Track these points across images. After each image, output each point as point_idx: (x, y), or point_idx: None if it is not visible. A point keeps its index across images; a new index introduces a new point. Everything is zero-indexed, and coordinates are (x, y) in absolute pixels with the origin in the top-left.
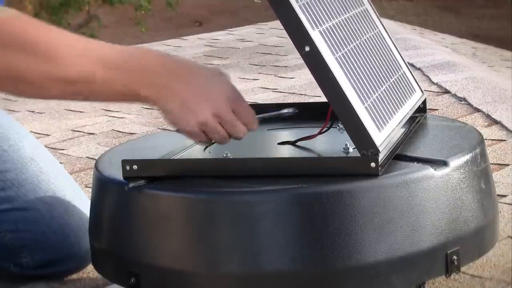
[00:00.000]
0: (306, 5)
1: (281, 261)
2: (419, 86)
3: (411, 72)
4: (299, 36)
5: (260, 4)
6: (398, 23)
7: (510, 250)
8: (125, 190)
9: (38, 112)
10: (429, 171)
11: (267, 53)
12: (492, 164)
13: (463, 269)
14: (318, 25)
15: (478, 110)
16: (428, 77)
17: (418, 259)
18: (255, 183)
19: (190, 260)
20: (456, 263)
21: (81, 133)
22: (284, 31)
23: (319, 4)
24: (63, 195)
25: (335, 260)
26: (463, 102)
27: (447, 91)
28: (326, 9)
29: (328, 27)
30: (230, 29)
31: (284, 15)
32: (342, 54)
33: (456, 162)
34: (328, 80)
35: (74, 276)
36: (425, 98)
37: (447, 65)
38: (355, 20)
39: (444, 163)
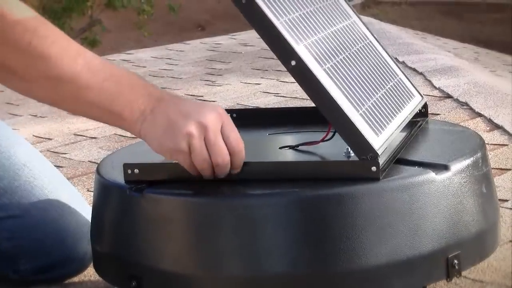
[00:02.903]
0: (289, 22)
1: (282, 265)
2: (418, 91)
3: (408, 79)
4: (284, 51)
5: None
6: (401, 27)
7: (511, 254)
8: (127, 194)
9: (40, 116)
10: (430, 175)
11: (269, 58)
12: (494, 168)
13: (464, 273)
14: (303, 40)
15: (480, 115)
16: (430, 81)
17: (419, 263)
18: (256, 186)
19: (192, 264)
20: (457, 267)
21: (83, 137)
22: None
23: (302, 21)
24: (58, 200)
25: (336, 263)
26: (465, 106)
27: (449, 96)
28: (310, 24)
29: (313, 41)
30: (232, 34)
31: (266, 32)
32: (331, 65)
33: (457, 166)
34: (318, 91)
35: (76, 279)
36: (426, 102)
37: (450, 70)
38: (342, 33)
39: (445, 167)
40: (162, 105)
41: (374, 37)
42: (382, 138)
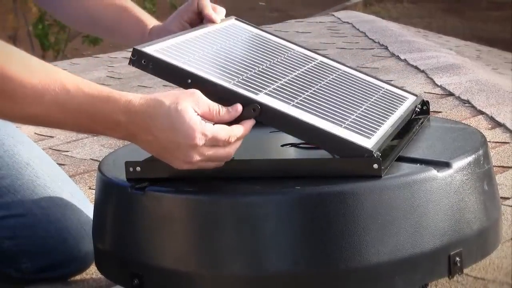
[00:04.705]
0: (242, 81)
1: (284, 263)
2: (411, 93)
3: (397, 87)
4: (245, 103)
5: (264, 6)
6: (403, 25)
7: None
8: (128, 192)
9: None
10: (432, 172)
11: None
12: (496, 166)
13: (466, 271)
14: (262, 90)
15: (481, 113)
16: (432, 79)
17: (421, 260)
18: (258, 184)
19: (193, 262)
20: (459, 264)
21: (85, 135)
22: (287, 33)
23: (258, 76)
24: (60, 198)
25: (338, 261)
26: (467, 104)
27: (451, 94)
28: (268, 76)
29: (274, 88)
30: None
31: (222, 95)
32: (300, 100)
33: (458, 163)
34: (291, 123)
35: (78, 277)
36: (423, 100)
37: (451, 68)
38: (307, 73)
39: (447, 165)
40: (138, 142)
41: (349, 67)
42: (375, 139)
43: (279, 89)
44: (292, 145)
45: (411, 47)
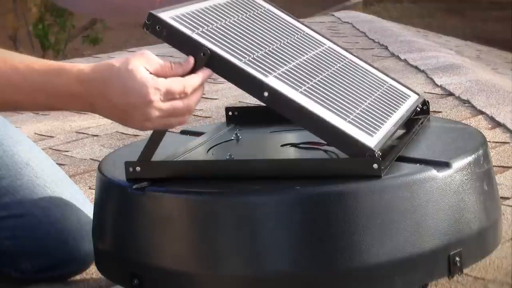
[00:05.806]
0: (253, 60)
1: (284, 263)
2: (413, 91)
3: (401, 83)
4: (254, 87)
5: None
6: (403, 25)
7: None
8: (128, 192)
9: (42, 114)
10: (432, 172)
11: None
12: (495, 166)
13: (466, 271)
14: (272, 72)
15: (481, 113)
16: (432, 79)
17: (420, 260)
18: (258, 184)
19: (193, 262)
20: (458, 264)
21: (85, 134)
22: None
23: (268, 56)
24: (60, 199)
25: (338, 261)
26: (467, 104)
27: (451, 94)
28: (277, 58)
29: (283, 71)
30: None
31: (232, 75)
32: (308, 87)
33: (458, 163)
34: (297, 111)
35: (77, 277)
36: (424, 100)
37: (451, 68)
38: (316, 59)
39: (447, 165)
40: (97, 111)
41: (355, 56)
42: (377, 138)
43: (288, 73)
44: (292, 145)
45: (411, 47)
